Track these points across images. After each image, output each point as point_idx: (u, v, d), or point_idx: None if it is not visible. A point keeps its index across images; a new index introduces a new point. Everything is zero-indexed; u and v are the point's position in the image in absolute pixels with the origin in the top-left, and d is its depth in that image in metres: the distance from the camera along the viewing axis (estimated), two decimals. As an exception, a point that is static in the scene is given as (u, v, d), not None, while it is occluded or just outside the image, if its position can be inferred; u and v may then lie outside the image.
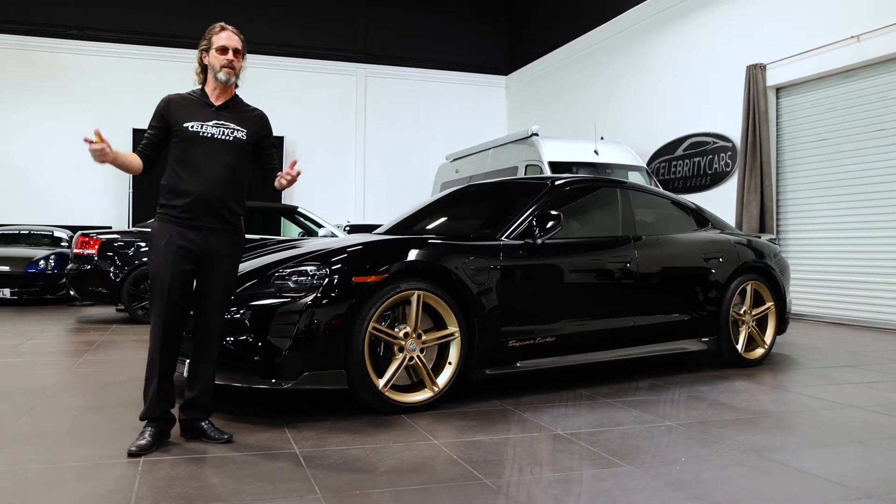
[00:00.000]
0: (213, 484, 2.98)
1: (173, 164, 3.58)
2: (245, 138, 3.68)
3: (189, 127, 3.57)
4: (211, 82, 3.69)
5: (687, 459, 3.38)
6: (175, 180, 3.55)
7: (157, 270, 3.49)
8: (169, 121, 3.59)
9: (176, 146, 3.58)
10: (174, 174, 3.56)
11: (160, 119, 3.61)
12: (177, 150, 3.58)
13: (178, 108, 3.62)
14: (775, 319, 6.06)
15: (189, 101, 3.68)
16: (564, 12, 15.00)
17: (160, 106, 3.64)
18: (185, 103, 3.66)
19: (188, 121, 3.58)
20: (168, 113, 3.60)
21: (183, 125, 3.57)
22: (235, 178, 3.64)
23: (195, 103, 3.67)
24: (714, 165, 10.81)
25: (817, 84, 9.44)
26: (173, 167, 3.57)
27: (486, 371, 4.51)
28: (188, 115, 3.60)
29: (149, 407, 3.49)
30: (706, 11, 11.19)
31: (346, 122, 15.95)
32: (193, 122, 3.58)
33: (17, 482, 2.99)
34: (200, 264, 3.55)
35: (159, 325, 3.48)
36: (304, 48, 15.47)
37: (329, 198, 15.26)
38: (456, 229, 5.64)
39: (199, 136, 3.58)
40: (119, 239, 8.68)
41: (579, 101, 14.36)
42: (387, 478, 3.07)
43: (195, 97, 3.70)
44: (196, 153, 3.56)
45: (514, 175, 10.94)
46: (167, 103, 3.64)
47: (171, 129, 3.58)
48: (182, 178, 3.54)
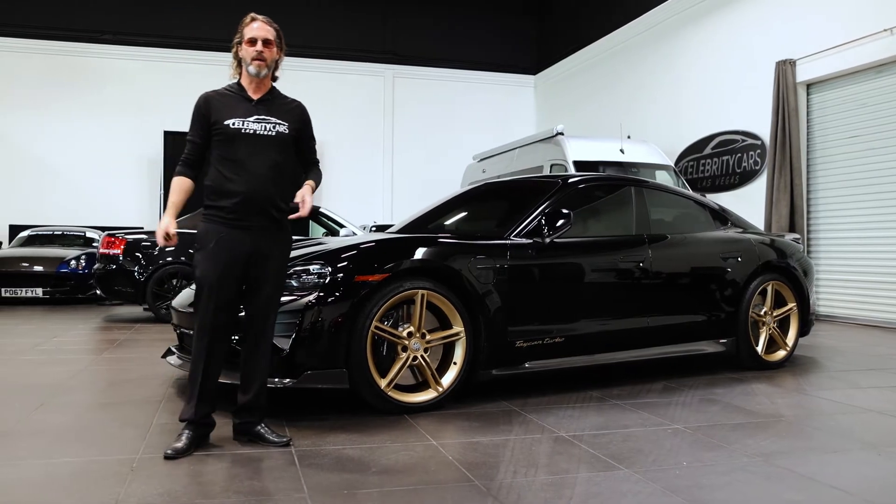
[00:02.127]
0: (202, 482, 2.98)
1: (217, 163, 3.49)
2: (287, 131, 3.61)
3: (231, 124, 3.47)
4: (246, 76, 3.60)
5: (688, 464, 3.29)
6: (220, 180, 3.46)
7: (205, 273, 3.41)
8: (210, 119, 3.49)
9: (219, 144, 3.49)
10: (219, 174, 3.47)
11: (202, 119, 3.51)
12: (220, 149, 3.49)
13: (217, 106, 3.52)
14: (798, 321, 5.90)
15: (227, 96, 3.58)
16: (592, 11, 14.86)
17: (199, 106, 3.54)
18: (224, 99, 3.56)
19: (229, 118, 3.48)
20: (208, 111, 3.51)
21: (224, 122, 3.47)
22: (281, 173, 3.57)
23: (234, 99, 3.57)
24: (743, 164, 10.60)
25: (849, 79, 9.19)
26: (217, 167, 3.48)
27: (492, 372, 4.45)
28: (228, 112, 3.50)
29: (191, 410, 3.41)
30: (734, 7, 10.98)
31: (373, 122, 15.98)
32: (234, 119, 3.48)
33: (11, 478, 3.01)
34: (250, 265, 3.47)
35: (206, 329, 3.41)
36: (332, 50, 15.53)
37: (357, 198, 15.32)
38: (467, 228, 5.60)
39: (241, 134, 3.48)
40: (144, 239, 8.79)
41: (607, 99, 14.20)
42: (377, 478, 3.03)
43: (233, 92, 3.60)
44: (240, 151, 3.48)
45: (539, 175, 10.85)
46: (206, 102, 3.54)
47: (213, 128, 3.48)
48: (228, 178, 3.45)
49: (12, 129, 14.51)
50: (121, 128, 14.71)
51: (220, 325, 3.43)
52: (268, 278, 3.53)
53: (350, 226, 9.37)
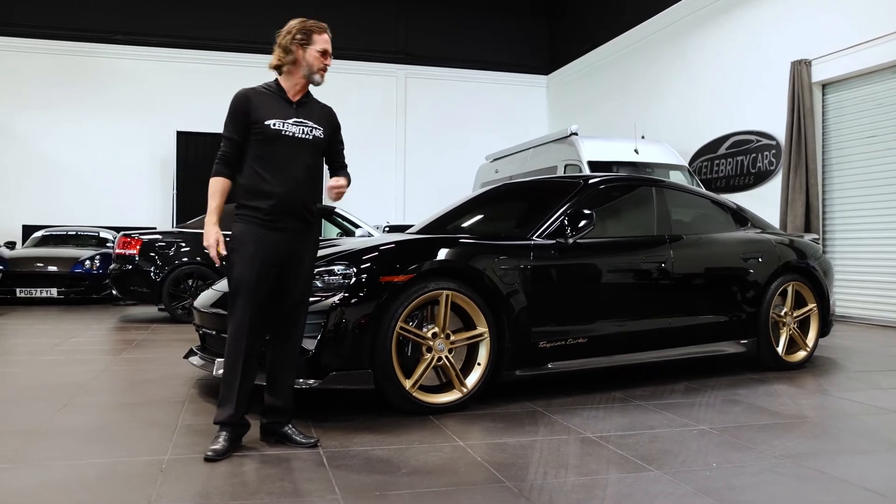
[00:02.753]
0: (233, 483, 2.98)
1: (254, 163, 3.45)
2: (322, 136, 3.60)
3: (271, 125, 3.44)
4: (294, 78, 3.55)
5: (718, 465, 3.29)
6: (257, 180, 3.43)
7: (244, 274, 3.37)
8: (249, 117, 3.43)
9: (257, 144, 3.44)
10: (255, 174, 3.43)
11: (241, 117, 3.44)
12: (258, 149, 3.45)
13: (257, 104, 3.47)
14: (818, 321, 5.88)
15: (266, 96, 3.52)
16: (605, 11, 14.84)
17: (239, 103, 3.47)
18: (264, 99, 3.50)
19: (270, 118, 3.44)
20: (248, 109, 3.44)
21: (265, 122, 3.43)
22: (314, 177, 3.56)
23: (273, 98, 3.52)
24: (758, 164, 10.57)
25: (865, 79, 9.16)
26: (254, 167, 3.44)
27: (515, 372, 4.45)
28: (269, 112, 3.46)
29: (228, 413, 3.38)
30: (749, 7, 10.94)
31: (386, 122, 16.00)
32: (275, 120, 3.45)
33: (41, 479, 3.03)
34: (284, 267, 3.46)
35: (245, 330, 3.37)
36: (344, 50, 15.48)
37: (369, 198, 15.31)
38: (488, 229, 5.59)
39: (281, 135, 3.45)
40: (160, 239, 8.82)
41: (620, 99, 14.18)
42: (408, 479, 3.04)
43: (271, 92, 3.54)
44: (279, 153, 3.45)
45: (553, 175, 10.84)
46: (246, 99, 3.47)
47: (252, 126, 3.43)
48: (265, 179, 3.42)
49: (25, 129, 14.59)
50: (133, 128, 14.77)
51: (257, 325, 3.43)
52: (299, 280, 3.54)
53: (365, 226, 9.37)
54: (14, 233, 13.95)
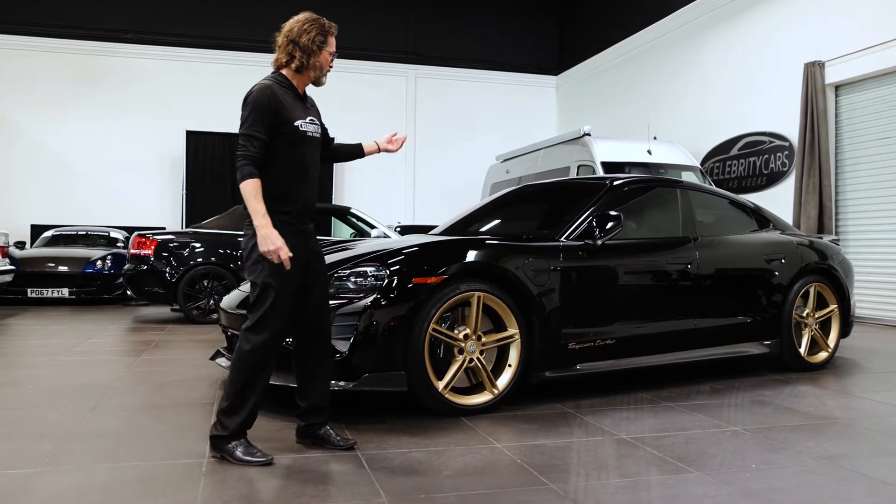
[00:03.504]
0: (274, 486, 2.98)
1: (283, 164, 3.34)
2: (322, 132, 3.58)
3: (299, 126, 3.37)
4: (305, 77, 3.47)
5: (757, 466, 3.29)
6: (286, 183, 3.34)
7: (278, 281, 3.26)
8: (277, 116, 3.29)
9: (286, 146, 3.34)
10: (284, 177, 3.34)
11: (270, 114, 3.28)
12: (287, 150, 3.34)
13: (285, 103, 3.35)
14: (839, 322, 5.89)
15: (287, 93, 3.39)
16: (616, 11, 14.84)
17: (268, 99, 3.29)
18: (287, 97, 3.38)
19: (297, 119, 3.36)
20: (278, 107, 3.30)
21: (294, 123, 3.34)
22: (318, 175, 3.57)
23: (292, 96, 3.42)
24: (770, 165, 10.57)
25: (878, 81, 9.16)
26: (283, 168, 3.34)
27: (545, 374, 4.45)
28: (293, 113, 3.36)
29: (247, 420, 3.32)
30: (762, 8, 10.95)
31: (396, 122, 15.99)
32: (301, 121, 3.38)
33: (83, 482, 3.03)
34: (305, 270, 3.41)
35: (274, 337, 3.30)
36: (354, 50, 15.54)
37: (379, 199, 15.33)
38: (512, 230, 5.58)
39: (307, 137, 3.39)
40: (175, 239, 8.82)
41: (631, 100, 14.18)
42: (451, 482, 3.04)
43: (287, 87, 3.43)
44: (306, 155, 3.41)
45: (566, 176, 10.85)
46: (275, 96, 3.31)
47: (282, 128, 3.31)
48: (293, 182, 3.37)
49: (34, 128, 14.59)
50: (143, 127, 14.78)
51: (283, 332, 3.39)
52: (321, 280, 3.52)
53: (380, 226, 9.37)
54: (22, 232, 13.94)
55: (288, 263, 3.20)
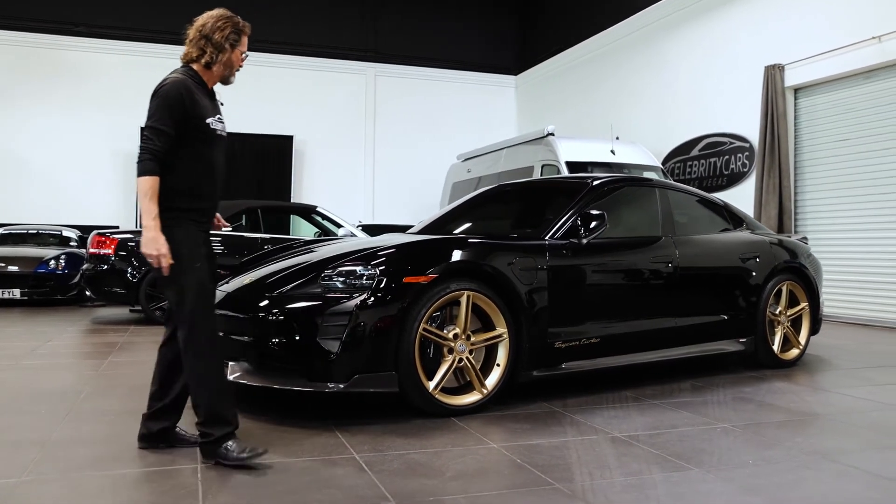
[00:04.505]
0: (279, 491, 2.90)
1: (193, 162, 3.25)
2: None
3: (210, 124, 3.28)
4: (214, 75, 3.38)
5: (754, 463, 3.32)
6: (196, 182, 3.27)
7: (202, 278, 3.20)
8: (189, 113, 3.19)
9: (197, 143, 3.25)
10: (196, 174, 3.26)
11: (181, 110, 3.17)
12: (198, 148, 3.25)
13: (198, 99, 3.25)
14: (810, 320, 6.01)
15: (199, 89, 3.31)
16: (577, 12, 14.94)
17: (181, 94, 3.18)
18: (200, 94, 3.29)
19: (209, 116, 3.28)
20: (191, 103, 3.21)
21: (206, 121, 3.26)
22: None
23: (204, 93, 3.34)
24: (731, 166, 10.77)
25: (837, 84, 9.40)
26: (194, 166, 3.25)
27: (533, 373, 4.44)
28: (206, 110, 3.29)
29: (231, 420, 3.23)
30: (722, 12, 11.14)
31: (355, 121, 15.86)
32: (211, 119, 3.29)
33: (72, 491, 2.91)
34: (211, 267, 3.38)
35: (213, 333, 3.25)
36: (314, 47, 15.37)
37: (338, 197, 15.14)
38: (492, 229, 5.56)
39: (216, 135, 3.32)
40: (136, 238, 8.57)
41: (591, 101, 14.30)
42: (456, 483, 2.99)
43: (200, 84, 3.33)
44: (215, 153, 3.35)
45: (530, 175, 10.89)
46: (189, 92, 3.22)
47: (196, 126, 3.22)
48: (203, 181, 3.30)
49: (-20, 124, 14.07)
50: (96, 123, 14.34)
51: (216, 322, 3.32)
52: (215, 278, 3.48)
53: (347, 226, 9.26)
54: (-32, 232, 13.44)
55: (167, 270, 3.09)
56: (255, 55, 16.34)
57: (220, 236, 8.73)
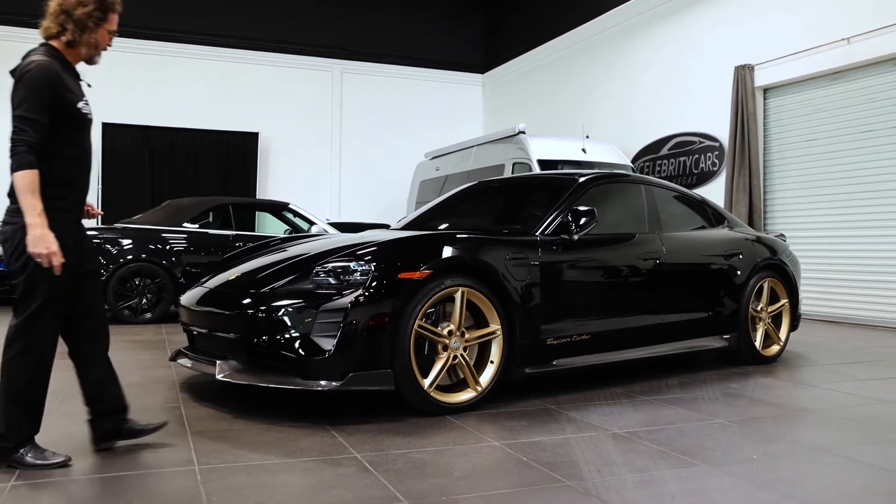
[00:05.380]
0: (285, 493, 2.81)
1: (66, 150, 3.05)
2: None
3: (81, 108, 3.09)
4: (77, 54, 3.14)
5: (758, 458, 3.32)
6: (68, 171, 3.08)
7: (59, 276, 2.94)
8: (59, 98, 2.99)
9: (71, 130, 3.06)
10: (66, 164, 3.06)
11: (52, 96, 2.96)
12: (70, 134, 3.06)
13: (68, 84, 3.05)
14: (789, 316, 6.08)
15: (66, 71, 3.08)
16: (544, 12, 14.95)
17: (52, 79, 2.97)
18: (68, 76, 3.07)
19: (79, 99, 3.09)
20: (62, 88, 3.01)
21: (77, 106, 3.06)
22: None
23: (72, 76, 3.12)
24: (700, 165, 10.87)
25: (805, 85, 9.54)
26: (66, 155, 3.05)
27: (525, 370, 4.40)
28: (75, 93, 3.08)
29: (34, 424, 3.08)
30: (692, 12, 11.23)
31: (322, 118, 15.65)
32: (81, 103, 3.09)
33: (72, 495, 2.78)
34: (82, 257, 3.17)
35: (50, 334, 3.05)
36: (280, 43, 15.13)
37: (303, 195, 14.85)
38: (479, 226, 5.50)
39: (86, 119, 3.14)
40: (104, 236, 8.32)
41: (558, 100, 14.33)
42: (466, 482, 2.93)
43: (66, 65, 3.10)
44: (86, 140, 3.17)
45: (500, 173, 10.87)
46: (59, 76, 3.00)
47: (64, 110, 3.01)
48: (76, 169, 3.12)
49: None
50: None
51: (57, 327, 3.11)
52: (95, 268, 3.32)
53: (320, 223, 9.13)
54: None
55: (59, 270, 2.91)
56: (220, 50, 15.96)
57: (188, 233, 8.54)
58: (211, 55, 14.43)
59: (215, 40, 14.41)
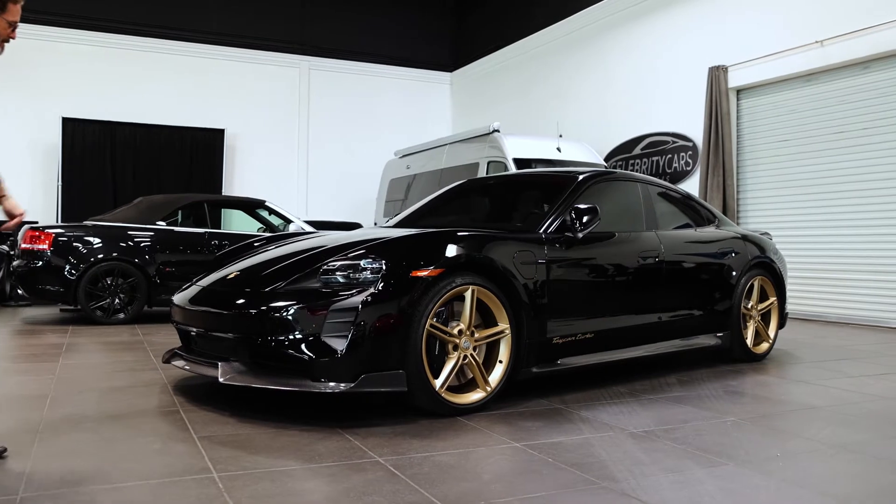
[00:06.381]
0: (317, 500, 2.69)
1: None
2: None
3: None
4: None
5: (782, 455, 3.30)
6: None
7: None
8: None
9: None
10: None
11: None
12: None
13: None
14: (778, 314, 6.13)
15: None
16: (514, 10, 14.94)
17: None
18: None
19: None
20: None
21: None
22: None
23: None
24: (674, 164, 10.96)
25: (779, 87, 9.68)
26: None
27: (532, 369, 4.34)
28: None
29: None
30: (666, 14, 11.32)
31: (288, 115, 15.41)
32: None
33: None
34: None
35: None
36: (246, 38, 14.85)
37: (271, 193, 14.63)
38: (476, 223, 5.43)
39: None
40: (74, 233, 8.04)
41: (529, 99, 14.33)
42: (500, 486, 2.85)
43: None
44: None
45: (475, 172, 10.84)
46: None
47: None
48: None
49: None
50: (13, 113, 13.38)
51: None
52: None
53: (297, 221, 8.96)
54: None
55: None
56: (186, 45, 15.67)
57: (162, 231, 8.30)
58: (176, 50, 14.10)
59: (181, 35, 14.08)
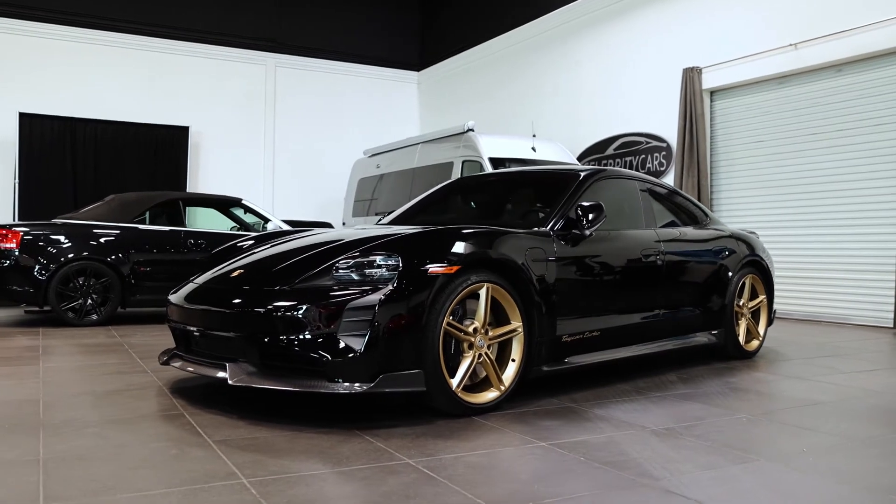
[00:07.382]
0: (360, 503, 2.60)
1: None
2: None
3: None
4: None
5: (808, 450, 3.31)
6: None
7: None
8: None
9: None
10: None
11: None
12: None
13: None
14: (767, 312, 6.19)
15: None
16: (484, 9, 14.92)
17: None
18: None
19: None
20: None
21: None
22: None
23: None
24: (647, 165, 11.05)
25: (752, 88, 9.83)
26: None
27: (543, 368, 4.29)
28: None
29: None
30: (639, 14, 11.40)
31: (254, 112, 15.15)
32: None
33: (126, 512, 2.49)
34: None
35: None
36: (211, 34, 14.56)
37: (237, 192, 14.34)
38: (475, 221, 5.36)
39: None
40: (43, 232, 7.74)
41: (499, 99, 14.32)
42: (542, 487, 2.79)
43: None
44: None
45: (449, 171, 10.77)
46: None
47: None
48: None
49: None
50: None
51: None
52: None
53: (275, 220, 8.78)
54: None
55: None
56: (149, 39, 15.28)
57: (136, 230, 8.06)
58: (139, 44, 13.76)
59: (143, 29, 13.74)
